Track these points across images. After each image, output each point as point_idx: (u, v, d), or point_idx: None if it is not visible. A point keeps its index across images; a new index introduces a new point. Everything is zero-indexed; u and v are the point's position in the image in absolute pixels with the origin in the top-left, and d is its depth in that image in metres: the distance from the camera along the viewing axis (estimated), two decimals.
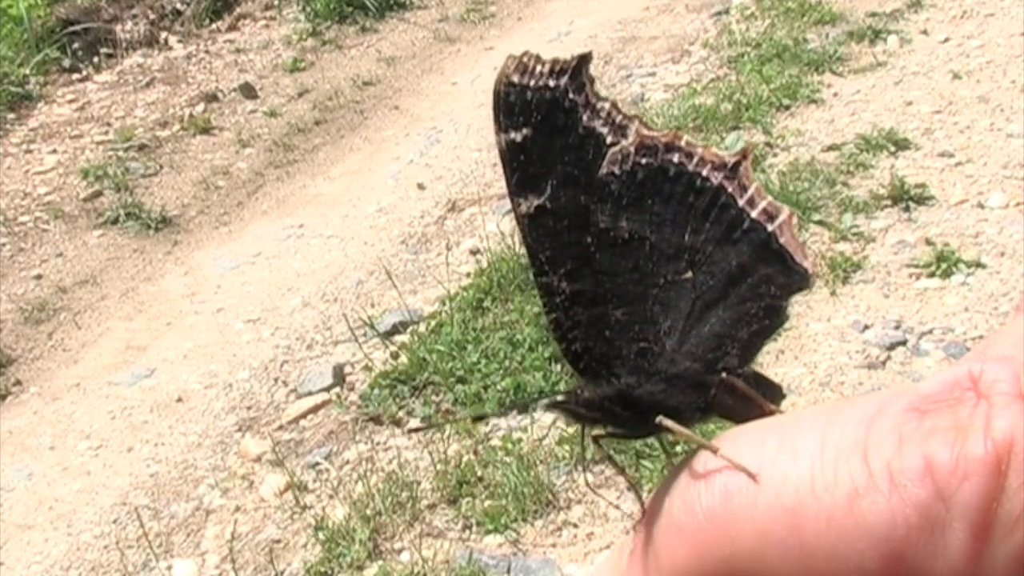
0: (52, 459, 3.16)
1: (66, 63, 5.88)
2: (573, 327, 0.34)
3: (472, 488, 2.64)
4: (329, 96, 5.45)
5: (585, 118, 0.34)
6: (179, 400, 3.32)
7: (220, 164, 4.93)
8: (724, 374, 0.33)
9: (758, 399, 0.33)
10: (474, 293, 3.36)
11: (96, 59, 5.96)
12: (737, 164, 0.34)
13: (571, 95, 0.34)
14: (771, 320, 0.34)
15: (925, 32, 4.84)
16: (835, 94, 4.43)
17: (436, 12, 6.42)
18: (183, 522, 2.82)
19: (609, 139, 0.34)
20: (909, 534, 0.25)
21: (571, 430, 2.74)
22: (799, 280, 0.34)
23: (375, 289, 3.72)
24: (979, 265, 3.16)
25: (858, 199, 3.58)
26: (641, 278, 0.34)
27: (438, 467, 2.71)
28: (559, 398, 0.35)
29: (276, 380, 3.33)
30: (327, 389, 3.19)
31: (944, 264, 3.16)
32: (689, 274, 0.34)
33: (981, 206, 3.48)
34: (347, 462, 2.89)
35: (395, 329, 3.39)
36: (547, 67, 0.34)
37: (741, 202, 0.33)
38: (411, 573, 2.44)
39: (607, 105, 0.34)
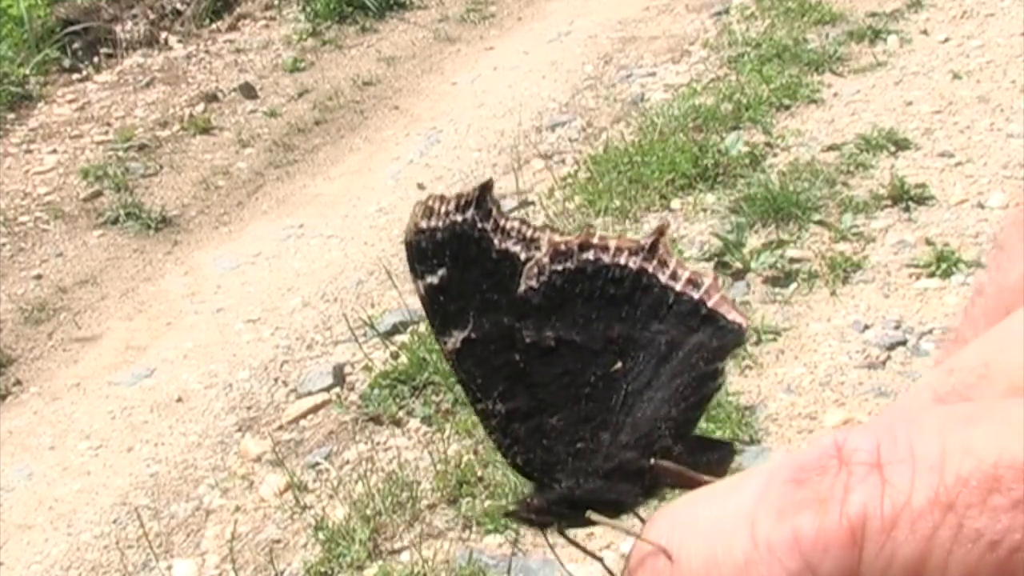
0: (52, 459, 3.16)
1: (66, 63, 5.88)
2: (513, 443, 0.35)
3: (472, 488, 2.64)
4: (329, 96, 5.45)
5: (497, 242, 0.35)
6: (179, 400, 3.32)
7: (220, 164, 4.93)
8: (653, 460, 0.34)
9: (690, 475, 0.34)
10: None
11: (96, 59, 5.96)
12: (655, 244, 0.35)
13: (479, 224, 0.35)
14: (706, 388, 0.35)
15: (925, 32, 4.84)
16: (835, 94, 4.43)
17: (436, 12, 6.42)
18: (183, 522, 2.83)
19: (523, 256, 0.35)
20: None
21: None
22: (734, 337, 0.34)
23: (375, 289, 3.72)
24: (979, 265, 3.16)
25: (858, 199, 3.58)
26: (572, 380, 0.35)
27: (438, 467, 2.71)
28: (511, 508, 0.37)
29: (276, 380, 3.33)
30: (327, 389, 3.19)
31: (944, 264, 3.16)
32: (619, 364, 0.34)
33: (981, 206, 3.48)
34: (347, 462, 2.89)
35: (395, 329, 3.39)
36: (452, 204, 0.35)
37: (664, 279, 0.34)
38: (411, 573, 2.44)
39: (516, 224, 0.35)
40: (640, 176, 3.92)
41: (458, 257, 0.35)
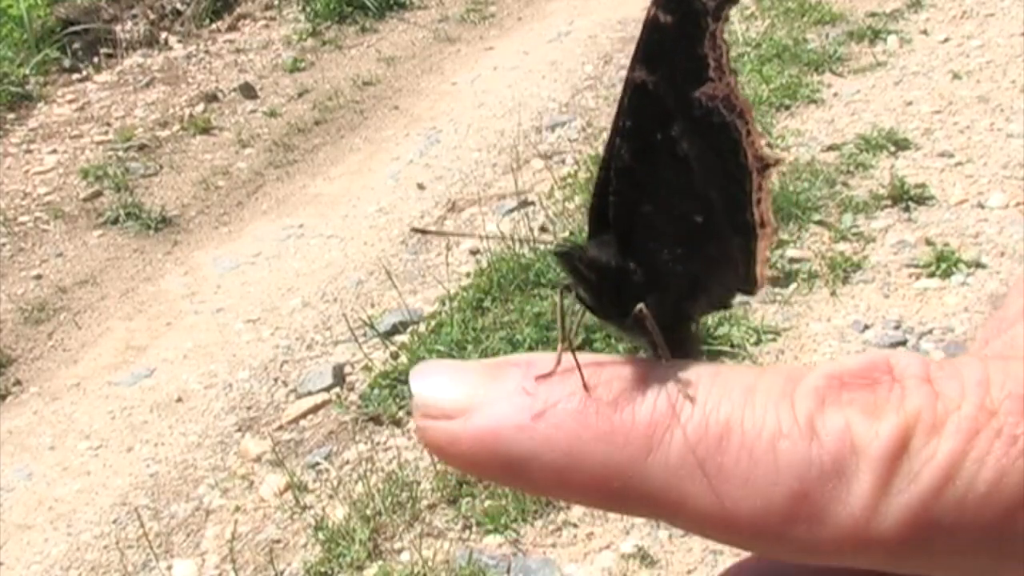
0: (52, 459, 3.16)
1: (66, 63, 5.88)
2: (615, 192, 0.37)
3: (472, 488, 2.64)
4: (329, 96, 5.45)
5: (706, 45, 0.37)
6: (179, 400, 3.32)
7: (220, 164, 4.93)
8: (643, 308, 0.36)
9: (661, 341, 0.36)
10: (474, 293, 3.36)
11: (96, 59, 5.96)
12: (767, 167, 0.37)
13: (708, 19, 0.37)
14: (717, 306, 0.38)
15: (925, 32, 4.84)
16: (835, 94, 4.43)
17: (436, 12, 6.42)
18: (183, 522, 2.82)
19: (711, 73, 0.37)
20: (820, 477, 0.29)
21: None
22: (748, 287, 0.37)
23: (375, 289, 3.72)
24: (979, 265, 3.17)
25: (858, 199, 3.58)
26: (672, 194, 0.37)
27: (438, 467, 2.71)
28: (562, 248, 0.37)
29: (276, 380, 3.33)
30: (327, 389, 3.19)
31: (944, 264, 3.16)
32: (699, 219, 0.37)
33: (981, 206, 3.48)
34: (347, 462, 2.89)
35: (395, 329, 3.39)
36: None
37: (753, 197, 0.36)
38: (411, 573, 2.44)
39: (725, 48, 0.37)
40: None
41: (682, 22, 0.36)
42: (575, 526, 2.52)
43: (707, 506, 0.30)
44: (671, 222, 0.37)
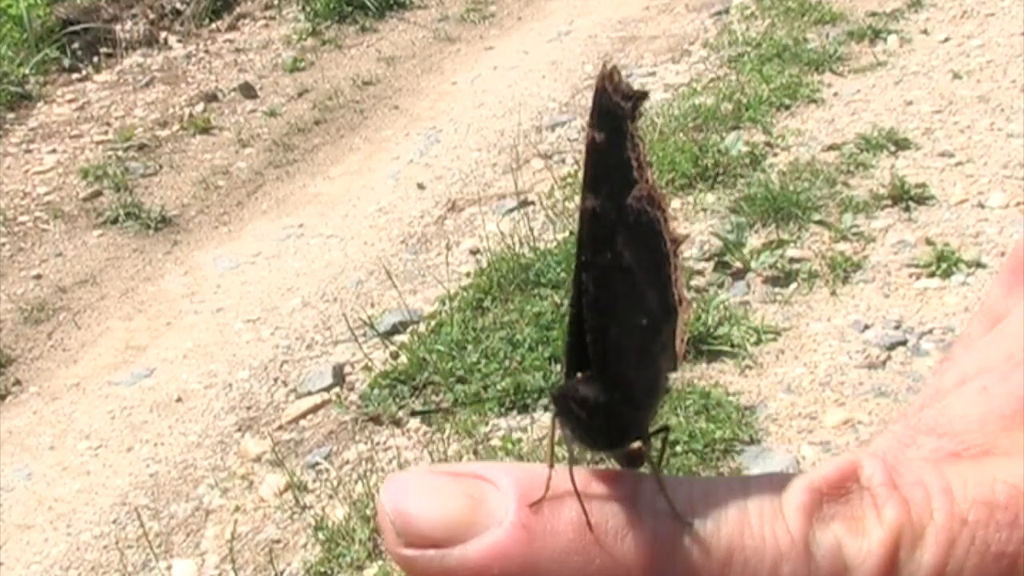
0: (52, 459, 3.16)
1: (66, 63, 5.88)
2: (589, 330, 0.37)
3: None
4: (329, 96, 5.45)
5: (628, 147, 0.37)
6: (179, 400, 3.32)
7: (220, 164, 4.93)
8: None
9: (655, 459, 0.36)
10: (474, 293, 3.36)
11: (96, 59, 5.96)
12: (678, 244, 0.37)
13: (628, 121, 0.37)
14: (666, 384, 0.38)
15: (925, 32, 4.84)
16: (835, 94, 4.43)
17: (436, 12, 6.42)
18: (183, 522, 2.82)
19: (635, 174, 0.37)
20: None
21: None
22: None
23: (375, 289, 3.72)
24: (979, 265, 3.16)
25: (858, 199, 3.58)
26: (629, 308, 0.37)
27: None
28: (562, 388, 0.37)
29: (276, 380, 3.33)
30: (327, 389, 3.19)
31: (944, 264, 3.16)
32: (644, 321, 0.37)
33: (981, 206, 3.48)
34: (347, 462, 2.89)
35: (395, 329, 3.39)
36: (624, 87, 0.37)
37: (673, 277, 0.37)
38: None
39: (641, 144, 0.37)
40: None
41: (611, 132, 0.37)
42: None
43: None
44: (631, 335, 0.37)
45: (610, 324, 0.36)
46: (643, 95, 0.37)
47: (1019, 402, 0.32)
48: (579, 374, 0.37)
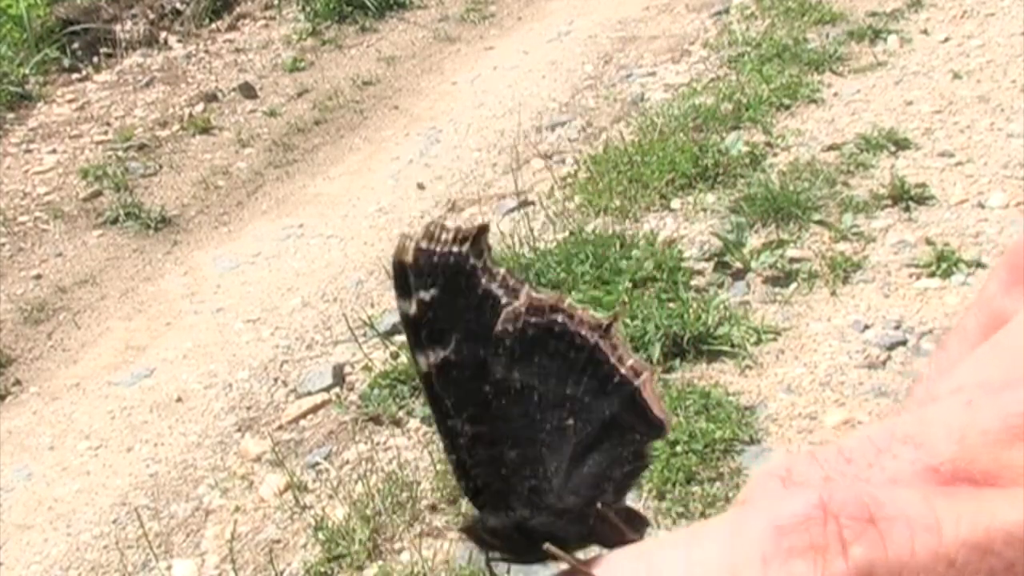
0: (52, 459, 3.15)
1: (66, 63, 5.88)
2: (474, 465, 0.38)
3: None
4: (329, 96, 5.45)
5: (484, 281, 0.38)
6: (179, 400, 3.32)
7: (220, 164, 4.93)
8: (599, 506, 0.38)
9: (625, 529, 0.37)
10: None
11: (96, 59, 5.96)
12: (610, 326, 0.38)
13: (471, 260, 0.38)
14: (639, 463, 0.38)
15: (925, 32, 4.83)
16: (835, 94, 4.43)
17: (436, 12, 6.42)
18: (183, 522, 2.82)
19: (504, 300, 0.38)
20: None
21: None
22: (656, 431, 0.38)
23: (375, 289, 3.72)
24: (979, 265, 3.16)
25: (858, 199, 3.58)
26: (531, 423, 0.38)
27: (438, 467, 2.71)
28: (466, 524, 0.39)
29: (276, 380, 3.33)
30: (327, 389, 3.19)
31: (944, 264, 3.16)
32: (570, 421, 0.38)
33: (981, 206, 3.48)
34: (347, 462, 2.89)
35: (395, 329, 3.39)
36: (451, 235, 0.38)
37: (612, 360, 0.38)
38: (411, 573, 2.44)
39: (502, 271, 0.38)
40: (640, 176, 3.92)
41: (448, 283, 0.38)
42: None
43: None
44: (547, 441, 0.37)
45: (504, 451, 0.38)
46: (481, 228, 0.38)
47: (1004, 420, 0.29)
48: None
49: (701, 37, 5.37)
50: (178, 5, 6.50)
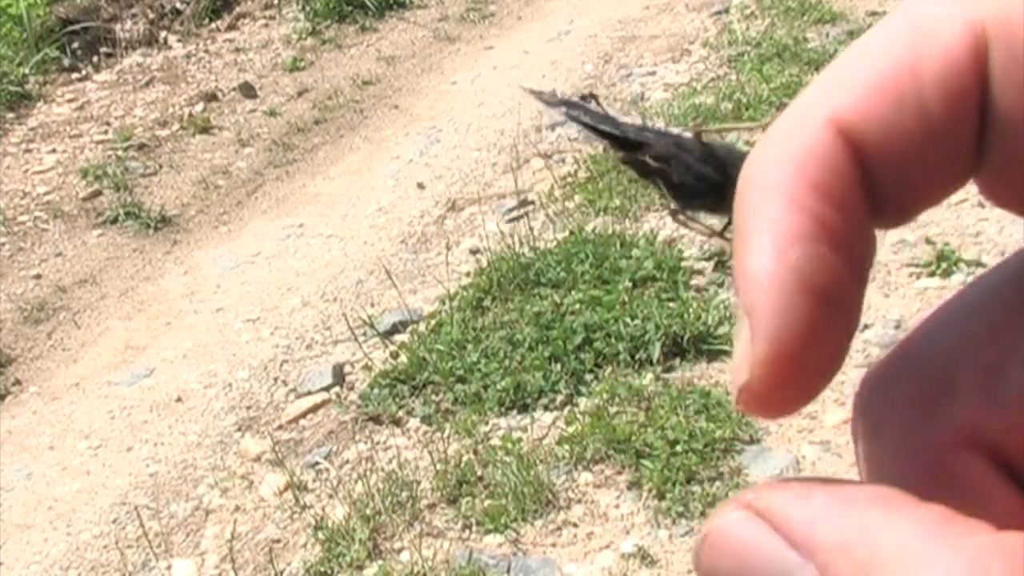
0: (51, 459, 3.15)
1: (65, 63, 5.88)
2: None
3: (472, 488, 2.64)
4: (329, 95, 5.45)
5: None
6: (179, 400, 3.32)
7: (219, 164, 4.93)
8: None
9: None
10: (474, 293, 3.36)
11: (95, 58, 5.96)
12: None
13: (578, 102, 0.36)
14: None
15: None
16: None
17: (436, 11, 6.42)
18: (183, 522, 2.82)
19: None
20: None
21: (571, 429, 2.74)
22: None
23: (375, 289, 3.72)
24: (979, 264, 3.16)
25: None
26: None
27: (438, 467, 2.71)
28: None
29: (276, 380, 3.33)
30: (327, 389, 3.19)
31: (944, 263, 3.16)
32: None
33: (982, 205, 3.48)
34: (347, 462, 2.89)
35: (395, 329, 3.39)
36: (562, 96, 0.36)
37: None
38: (411, 573, 2.44)
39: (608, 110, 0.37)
40: None
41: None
42: (575, 526, 2.52)
43: None
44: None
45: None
46: (588, 96, 0.36)
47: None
48: None
49: (701, 36, 5.37)
50: (178, 5, 6.49)
